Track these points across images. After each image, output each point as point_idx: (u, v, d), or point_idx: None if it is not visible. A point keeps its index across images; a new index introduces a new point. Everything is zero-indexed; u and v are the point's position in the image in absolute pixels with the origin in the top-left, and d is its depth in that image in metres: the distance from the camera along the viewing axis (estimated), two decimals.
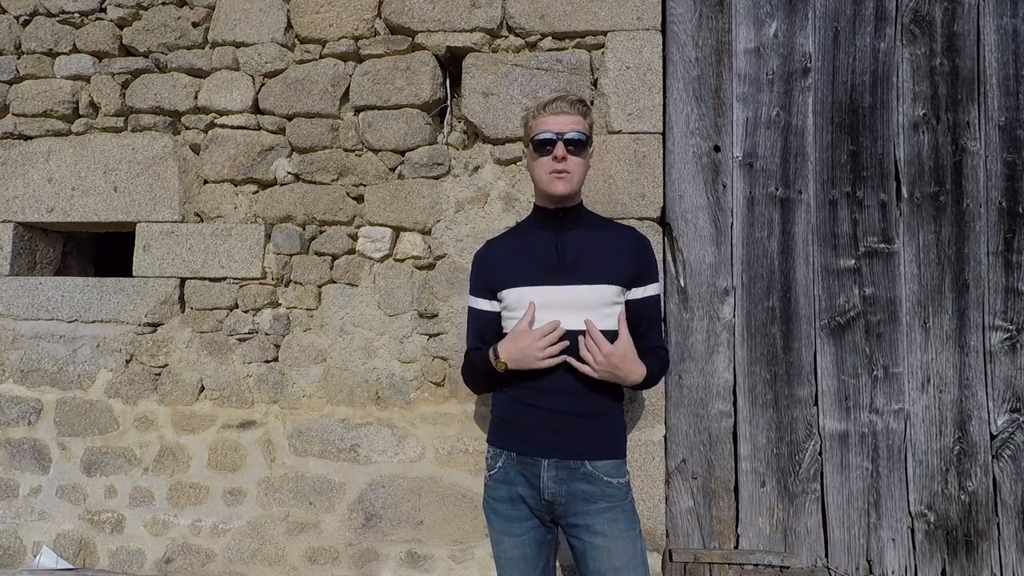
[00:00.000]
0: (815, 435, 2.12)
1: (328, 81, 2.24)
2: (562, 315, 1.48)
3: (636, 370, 1.49)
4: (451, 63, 2.25)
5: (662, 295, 2.11)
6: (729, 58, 2.22)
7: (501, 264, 1.59)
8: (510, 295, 1.54)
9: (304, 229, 2.26)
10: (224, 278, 2.26)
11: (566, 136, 1.49)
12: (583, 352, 1.46)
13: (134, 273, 2.31)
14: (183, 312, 2.30)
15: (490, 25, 2.18)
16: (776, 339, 2.15)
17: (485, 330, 1.64)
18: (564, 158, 1.49)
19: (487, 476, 1.57)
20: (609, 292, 1.50)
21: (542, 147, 1.50)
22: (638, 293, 1.57)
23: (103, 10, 2.38)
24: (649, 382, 1.54)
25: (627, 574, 1.41)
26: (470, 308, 1.68)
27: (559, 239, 1.55)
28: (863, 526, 2.09)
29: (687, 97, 2.22)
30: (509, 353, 1.48)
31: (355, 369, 2.19)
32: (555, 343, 1.46)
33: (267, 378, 2.22)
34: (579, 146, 1.50)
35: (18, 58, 2.42)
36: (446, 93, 2.25)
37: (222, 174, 2.29)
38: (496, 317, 1.62)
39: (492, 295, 1.60)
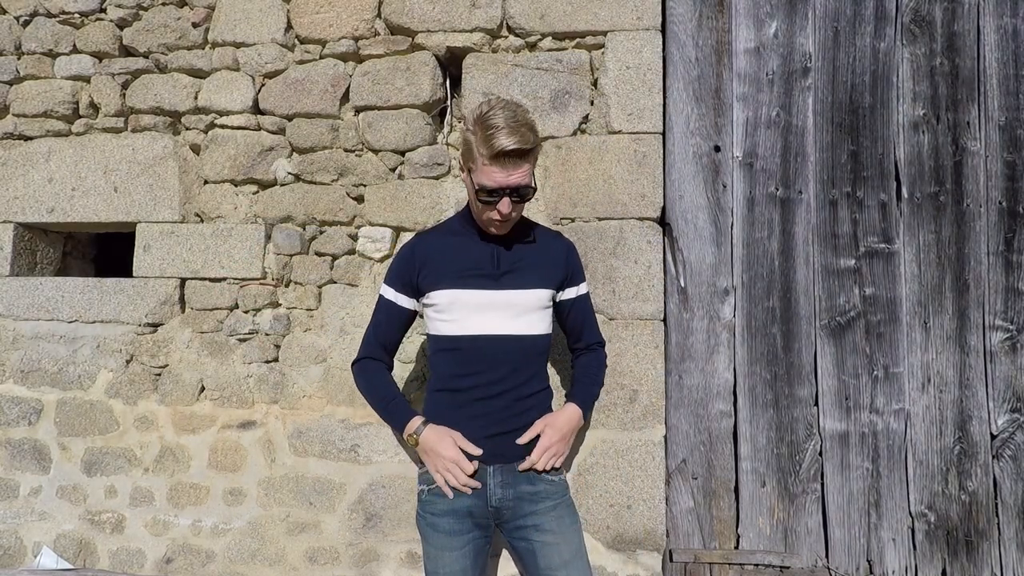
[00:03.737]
0: (815, 435, 2.12)
1: (328, 81, 2.24)
2: (497, 318, 1.50)
3: (573, 419, 1.58)
4: (451, 63, 2.25)
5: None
6: (729, 58, 2.22)
7: (434, 263, 1.54)
8: (443, 296, 1.51)
9: (304, 229, 2.26)
10: (224, 278, 2.27)
11: (512, 189, 1.42)
12: (540, 462, 1.50)
13: (134, 273, 2.31)
14: (183, 312, 2.30)
15: (490, 25, 2.18)
16: (776, 339, 2.15)
17: (393, 330, 1.63)
18: (510, 213, 1.45)
19: (424, 491, 1.53)
20: (542, 295, 1.55)
21: (486, 194, 1.42)
22: (571, 293, 1.65)
23: (103, 10, 2.38)
24: (591, 399, 1.68)
25: (577, 565, 1.46)
26: (382, 300, 1.63)
27: (496, 246, 1.55)
28: (863, 526, 2.10)
29: (687, 97, 2.22)
30: (429, 443, 1.47)
31: None
32: (461, 476, 1.46)
33: (267, 378, 2.23)
34: (525, 194, 1.45)
35: (18, 58, 2.42)
36: (446, 93, 2.25)
37: (222, 174, 2.29)
38: (411, 316, 1.62)
39: (415, 292, 1.58)
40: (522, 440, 1.50)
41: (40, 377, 2.34)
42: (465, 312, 1.50)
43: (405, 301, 1.59)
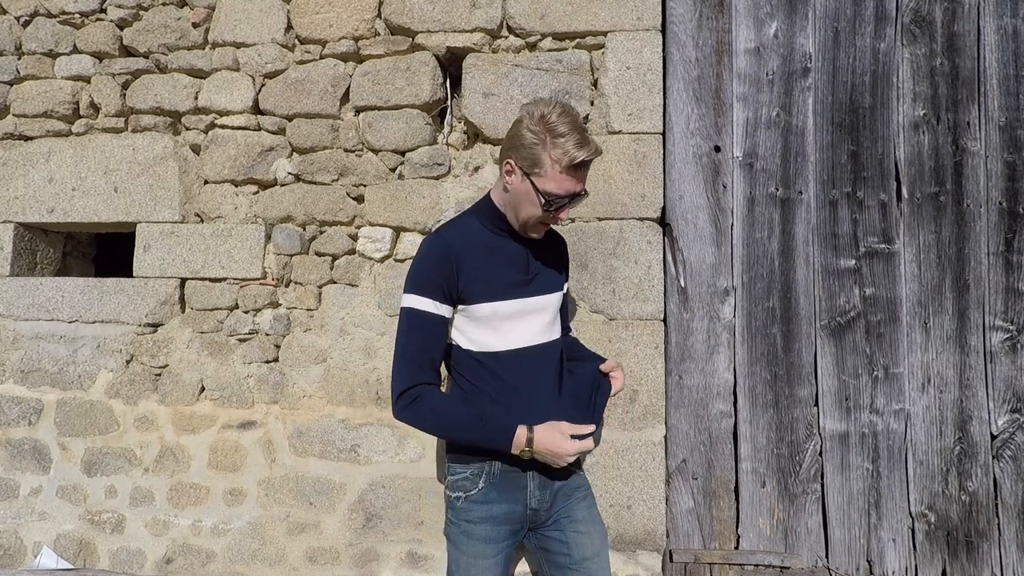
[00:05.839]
0: (815, 435, 2.12)
1: (328, 81, 2.24)
2: (531, 326, 1.46)
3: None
4: (451, 63, 2.25)
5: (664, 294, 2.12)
6: (729, 58, 2.22)
7: (474, 270, 1.42)
8: (485, 308, 1.42)
9: (304, 229, 2.26)
10: (224, 278, 2.27)
11: (577, 195, 1.41)
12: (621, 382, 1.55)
13: (134, 273, 2.31)
14: (183, 312, 2.30)
15: (490, 25, 2.18)
16: (776, 339, 2.15)
17: (439, 348, 1.42)
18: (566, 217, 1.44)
19: (460, 498, 1.43)
20: (561, 296, 1.56)
21: (550, 200, 1.37)
22: (565, 287, 1.64)
23: (103, 11, 2.38)
24: None
25: (604, 555, 1.48)
26: (420, 314, 1.39)
27: (524, 249, 1.49)
28: (863, 526, 2.09)
29: (687, 97, 2.22)
30: (544, 446, 1.36)
31: (355, 369, 2.19)
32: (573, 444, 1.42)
33: (267, 378, 2.23)
34: (581, 199, 1.44)
35: (19, 59, 2.42)
36: (446, 93, 2.25)
37: (222, 174, 2.29)
38: (448, 325, 1.44)
39: (453, 301, 1.41)
40: (616, 384, 1.54)
41: (40, 377, 2.34)
42: (503, 323, 1.43)
43: (447, 312, 1.42)
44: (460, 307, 1.43)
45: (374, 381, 2.18)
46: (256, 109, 2.30)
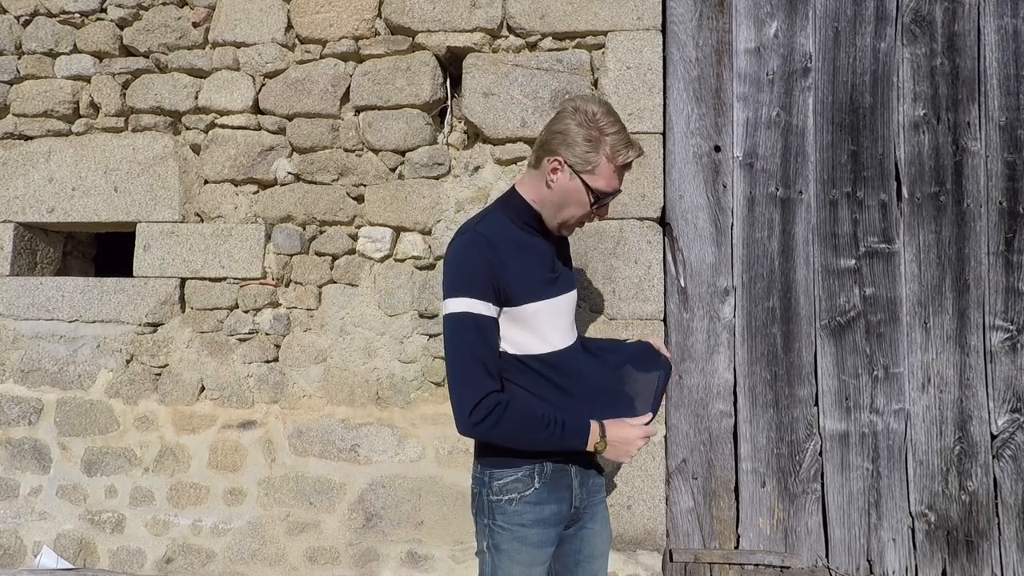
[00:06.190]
0: (815, 435, 2.12)
1: (328, 81, 2.24)
2: (562, 325, 1.44)
3: None
4: (451, 63, 2.25)
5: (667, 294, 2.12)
6: (729, 58, 2.22)
7: (516, 268, 1.36)
8: (527, 309, 1.36)
9: (304, 229, 2.26)
10: (224, 278, 2.27)
11: (617, 193, 1.43)
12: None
13: (134, 273, 2.32)
14: (183, 312, 2.30)
15: (490, 25, 2.18)
16: (776, 339, 2.15)
17: (495, 351, 1.34)
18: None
19: (513, 500, 1.34)
20: (576, 295, 1.54)
21: (599, 198, 1.36)
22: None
23: (103, 10, 2.38)
24: None
25: (607, 556, 1.50)
26: (469, 316, 1.30)
27: (550, 247, 1.48)
28: (863, 526, 2.09)
29: (687, 97, 2.22)
30: (615, 439, 1.35)
31: (355, 369, 2.19)
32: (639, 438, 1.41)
33: (267, 378, 2.23)
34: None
35: (19, 58, 2.42)
36: (446, 93, 2.25)
37: (222, 174, 2.29)
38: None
39: (499, 299, 1.33)
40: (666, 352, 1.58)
41: (40, 377, 2.34)
42: (540, 323, 1.39)
43: (496, 312, 1.34)
44: (507, 308, 1.36)
45: (374, 381, 2.18)
46: (256, 109, 2.30)
